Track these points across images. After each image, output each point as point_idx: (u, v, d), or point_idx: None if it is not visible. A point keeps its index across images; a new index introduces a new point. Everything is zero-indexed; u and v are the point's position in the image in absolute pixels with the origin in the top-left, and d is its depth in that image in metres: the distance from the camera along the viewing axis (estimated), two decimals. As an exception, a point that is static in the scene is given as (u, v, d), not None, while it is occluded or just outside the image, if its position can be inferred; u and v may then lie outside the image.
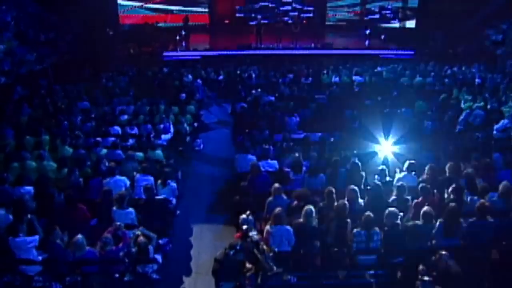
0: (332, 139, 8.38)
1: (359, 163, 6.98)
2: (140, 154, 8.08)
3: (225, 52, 17.59)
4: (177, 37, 20.04)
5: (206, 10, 23.23)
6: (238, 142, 8.75)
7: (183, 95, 11.93)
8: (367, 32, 21.03)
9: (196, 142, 10.27)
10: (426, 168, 6.89)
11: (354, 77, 13.54)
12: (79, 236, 5.29)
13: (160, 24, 21.07)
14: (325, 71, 13.97)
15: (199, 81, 13.48)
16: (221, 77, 14.15)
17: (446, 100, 11.57)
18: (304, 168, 7.05)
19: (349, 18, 24.04)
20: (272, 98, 11.25)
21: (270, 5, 22.22)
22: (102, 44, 18.47)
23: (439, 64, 15.26)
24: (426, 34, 19.46)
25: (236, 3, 22.54)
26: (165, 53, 17.82)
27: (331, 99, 11.26)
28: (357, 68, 14.71)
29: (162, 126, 9.43)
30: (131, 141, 8.72)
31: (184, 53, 17.86)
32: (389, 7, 22.30)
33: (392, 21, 22.36)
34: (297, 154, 7.24)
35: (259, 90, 11.42)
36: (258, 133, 8.81)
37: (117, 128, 9.49)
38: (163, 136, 8.87)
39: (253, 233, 4.52)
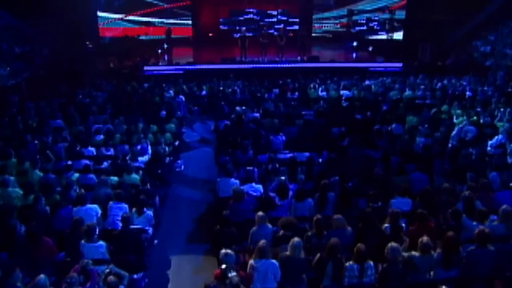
0: (320, 160, 8.04)
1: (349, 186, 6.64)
2: (115, 178, 7.65)
3: (208, 66, 17.27)
4: (159, 51, 19.68)
5: (190, 22, 22.99)
6: (220, 163, 8.36)
7: (163, 112, 11.53)
8: (354, 44, 20.99)
9: (176, 163, 9.86)
10: (420, 191, 6.60)
11: (342, 92, 13.30)
12: (42, 276, 4.82)
13: (141, 37, 20.74)
14: (312, 85, 13.72)
15: (181, 97, 13.11)
16: (204, 93, 13.79)
17: (437, 115, 11.39)
18: (290, 193, 6.69)
19: (336, 30, 24.02)
20: (257, 115, 10.92)
21: (254, 18, 22.06)
22: (80, 58, 18.08)
23: (429, 77, 15.13)
24: (415, 46, 19.45)
25: (220, 15, 22.34)
26: (146, 68, 17.44)
27: (318, 115, 10.96)
28: (345, 82, 14.52)
29: (139, 147, 9.00)
30: (105, 164, 8.28)
31: (166, 68, 17.49)
32: (376, 18, 22.30)
33: (380, 33, 22.35)
34: (283, 178, 6.87)
35: (243, 107, 11.04)
36: (241, 154, 8.44)
37: (92, 149, 9.05)
38: (140, 158, 8.43)
39: (232, 274, 4.11)
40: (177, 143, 10.29)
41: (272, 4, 22.65)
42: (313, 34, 23.79)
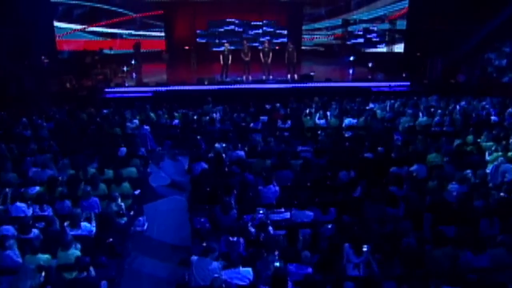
0: (329, 226, 6.36)
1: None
2: (45, 257, 5.83)
3: (182, 88, 15.56)
4: (125, 68, 17.98)
5: (162, 34, 21.39)
6: (195, 229, 6.61)
7: (123, 149, 9.75)
8: (351, 59, 19.62)
9: (137, 220, 8.05)
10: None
11: (346, 120, 11.72)
12: None
13: (105, 51, 19.01)
14: (307, 111, 12.12)
15: (146, 127, 11.34)
16: (176, 122, 12.04)
17: (462, 148, 9.91)
18: (290, 285, 4.98)
19: (328, 42, 22.67)
20: (242, 154, 9.22)
21: (237, 29, 20.54)
22: (31, 77, 16.27)
23: (443, 97, 13.73)
24: (421, 60, 18.16)
25: (196, 26, 20.75)
26: (108, 89, 15.64)
27: (318, 153, 9.31)
28: (346, 105, 13.00)
29: (86, 203, 7.21)
30: (35, 232, 6.44)
31: (132, 89, 15.73)
32: (375, 29, 21.03)
33: (379, 46, 21.06)
34: (278, 264, 5.17)
35: (223, 145, 9.33)
36: (222, 214, 6.72)
37: (22, 207, 7.21)
38: (84, 225, 6.61)
39: None
40: (138, 192, 8.48)
41: (255, 13, 21.22)
42: (303, 47, 22.42)
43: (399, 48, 21.04)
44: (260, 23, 20.67)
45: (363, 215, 6.87)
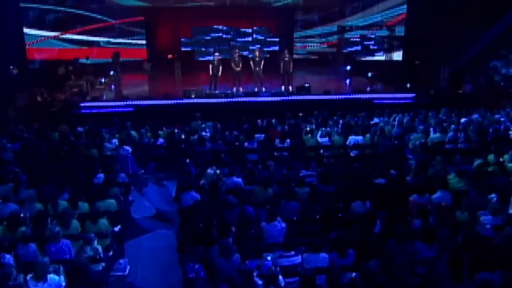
0: (353, 275, 5.46)
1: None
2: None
3: (166, 102, 14.58)
4: (103, 80, 16.98)
5: (143, 42, 20.46)
6: (188, 280, 5.66)
7: (101, 175, 8.76)
8: (348, 68, 18.92)
9: (117, 264, 7.06)
10: None
11: (350, 138, 10.89)
12: None
13: (81, 61, 18.01)
14: (308, 128, 11.27)
15: (127, 148, 10.36)
16: (160, 141, 11.07)
17: (484, 169, 9.14)
18: None
19: (322, 50, 21.97)
20: (239, 181, 8.30)
21: (224, 36, 19.70)
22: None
23: (453, 110, 13.05)
24: (425, 69, 17.54)
25: (180, 33, 19.86)
26: (84, 104, 14.60)
27: (324, 178, 8.44)
28: (349, 120, 12.21)
29: (55, 247, 6.21)
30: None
31: (110, 104, 14.71)
32: (373, 36, 20.39)
33: (377, 54, 20.42)
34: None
35: (217, 170, 8.39)
36: (222, 259, 5.78)
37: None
38: (52, 278, 5.60)
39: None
40: (118, 228, 7.49)
41: (243, 20, 20.42)
42: (295, 56, 21.64)
43: (398, 56, 20.51)
44: (250, 30, 19.83)
45: (388, 256, 5.98)
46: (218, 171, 8.28)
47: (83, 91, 15.84)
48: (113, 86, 17.53)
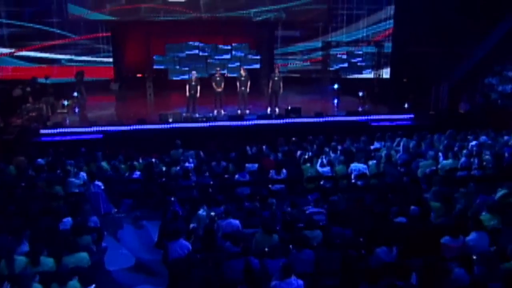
0: None
1: None
2: None
3: (141, 127, 13.47)
4: (65, 102, 15.76)
5: (110, 60, 19.36)
6: None
7: (67, 220, 7.61)
8: (335, 87, 18.27)
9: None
10: None
11: (352, 166, 10.05)
12: None
13: (40, 81, 16.80)
14: (306, 156, 10.39)
15: (98, 183, 9.21)
16: (137, 174, 9.94)
17: (508, 200, 8.45)
18: None
19: (305, 68, 21.30)
20: (236, 223, 7.29)
21: (200, 53, 18.79)
22: None
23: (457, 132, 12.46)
24: (417, 88, 17.07)
25: (153, 51, 18.82)
26: (44, 131, 13.33)
27: (335, 218, 7.54)
28: (349, 146, 11.40)
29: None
30: None
31: (75, 130, 13.47)
32: (360, 52, 19.88)
33: (365, 71, 19.90)
34: None
35: (211, 213, 7.36)
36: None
37: None
38: None
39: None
40: (93, 288, 6.34)
41: (221, 36, 19.60)
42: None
43: (387, 73, 20.10)
44: (229, 47, 18.99)
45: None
46: (212, 213, 7.23)
47: (43, 116, 14.57)
48: (77, 109, 16.39)
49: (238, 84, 15.12)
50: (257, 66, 19.15)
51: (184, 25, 18.73)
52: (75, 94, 16.62)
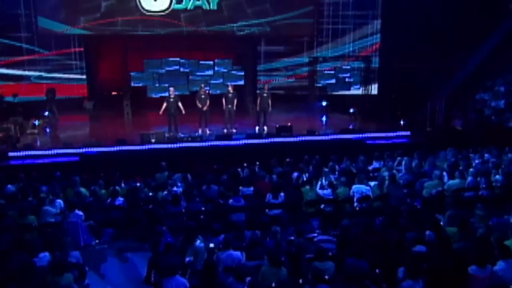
0: None
1: None
2: None
3: (122, 148, 12.76)
4: (36, 122, 14.96)
5: (83, 77, 18.64)
6: None
7: (44, 255, 6.89)
8: (324, 104, 17.96)
9: None
10: None
11: (354, 188, 9.58)
12: None
13: (8, 99, 16.16)
14: (305, 179, 9.89)
15: (79, 213, 8.49)
16: (119, 200, 9.24)
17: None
18: None
19: (290, 84, 20.91)
20: (238, 255, 6.70)
21: (182, 70, 18.25)
22: None
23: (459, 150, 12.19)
24: (408, 104, 16.90)
25: (130, 66, 18.17)
26: (13, 153, 12.50)
27: (344, 246, 7.02)
28: (348, 166, 10.97)
29: None
30: None
31: (48, 152, 12.66)
32: (348, 67, 19.65)
33: (353, 87, 19.67)
34: None
35: (210, 244, 6.75)
36: None
37: None
38: None
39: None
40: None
41: (203, 51, 19.11)
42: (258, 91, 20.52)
43: (376, 89, 19.94)
44: (211, 62, 18.49)
45: None
46: (212, 245, 6.61)
47: (12, 137, 13.72)
48: (48, 130, 15.59)
49: (224, 101, 14.64)
50: (241, 82, 18.66)
51: (163, 40, 18.22)
52: (46, 113, 15.91)
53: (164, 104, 14.27)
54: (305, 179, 9.91)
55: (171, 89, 14.59)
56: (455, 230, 7.50)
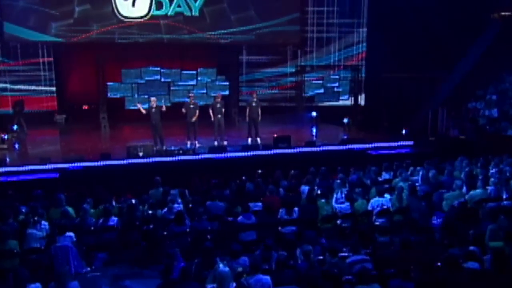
0: None
1: None
2: None
3: (109, 163, 11.75)
4: (6, 136, 13.85)
5: (53, 89, 17.50)
6: None
7: (36, 286, 5.91)
8: (314, 114, 17.42)
9: None
10: None
11: (373, 201, 8.94)
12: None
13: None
14: (318, 192, 9.18)
15: (70, 235, 7.50)
16: (113, 220, 8.26)
17: None
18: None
19: (274, 96, 20.23)
20: (267, 280, 5.88)
21: (163, 80, 17.39)
22: None
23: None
24: (405, 113, 16.57)
25: (107, 77, 17.13)
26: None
27: (383, 265, 6.33)
28: (359, 177, 10.36)
29: None
30: None
31: (22, 168, 11.53)
32: (336, 77, 19.22)
33: (342, 97, 19.22)
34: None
35: (239, 268, 5.90)
36: None
37: None
38: None
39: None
40: None
41: (183, 60, 18.29)
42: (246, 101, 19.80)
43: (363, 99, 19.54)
44: (194, 72, 17.70)
45: None
46: (240, 269, 5.77)
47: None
48: (17, 145, 14.43)
49: (211, 112, 13.85)
50: (226, 92, 17.91)
51: (143, 49, 17.35)
52: (14, 127, 14.80)
53: (150, 116, 13.37)
54: (319, 192, 9.17)
55: (153, 99, 13.75)
56: (500, 244, 6.91)
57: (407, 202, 9.13)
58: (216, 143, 13.75)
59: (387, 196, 9.32)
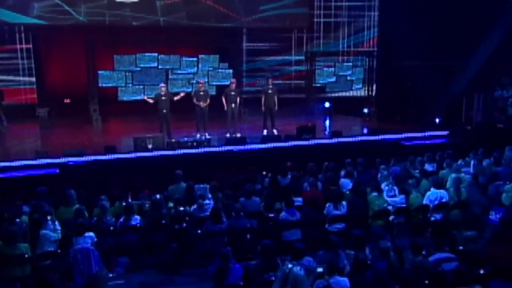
0: None
1: None
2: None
3: (112, 157, 10.98)
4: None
5: (33, 79, 16.59)
6: None
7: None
8: (327, 105, 16.96)
9: None
10: None
11: (429, 194, 8.46)
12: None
13: None
14: (373, 185, 8.63)
15: (90, 235, 6.81)
16: (136, 220, 7.56)
17: None
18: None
19: (280, 85, 19.61)
20: (346, 284, 5.30)
21: (160, 67, 16.65)
22: None
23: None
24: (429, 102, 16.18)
25: (98, 64, 16.31)
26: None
27: (474, 264, 5.81)
28: (405, 167, 9.95)
29: None
30: None
31: (16, 164, 10.69)
32: (349, 64, 18.75)
33: (355, 86, 18.77)
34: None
35: (318, 269, 5.31)
36: None
37: None
38: None
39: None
40: None
41: (182, 46, 17.60)
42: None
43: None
44: (194, 58, 17.02)
45: None
46: (320, 269, 5.15)
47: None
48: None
49: (224, 100, 13.23)
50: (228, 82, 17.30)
51: (138, 33, 16.60)
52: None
53: (158, 106, 12.86)
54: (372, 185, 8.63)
55: (162, 84, 13.46)
56: None
57: (466, 195, 8.69)
58: (228, 135, 13.15)
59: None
